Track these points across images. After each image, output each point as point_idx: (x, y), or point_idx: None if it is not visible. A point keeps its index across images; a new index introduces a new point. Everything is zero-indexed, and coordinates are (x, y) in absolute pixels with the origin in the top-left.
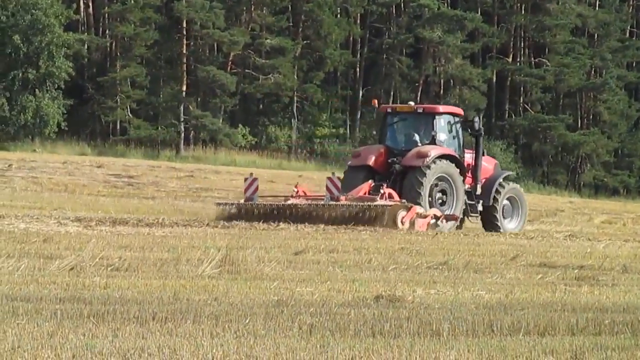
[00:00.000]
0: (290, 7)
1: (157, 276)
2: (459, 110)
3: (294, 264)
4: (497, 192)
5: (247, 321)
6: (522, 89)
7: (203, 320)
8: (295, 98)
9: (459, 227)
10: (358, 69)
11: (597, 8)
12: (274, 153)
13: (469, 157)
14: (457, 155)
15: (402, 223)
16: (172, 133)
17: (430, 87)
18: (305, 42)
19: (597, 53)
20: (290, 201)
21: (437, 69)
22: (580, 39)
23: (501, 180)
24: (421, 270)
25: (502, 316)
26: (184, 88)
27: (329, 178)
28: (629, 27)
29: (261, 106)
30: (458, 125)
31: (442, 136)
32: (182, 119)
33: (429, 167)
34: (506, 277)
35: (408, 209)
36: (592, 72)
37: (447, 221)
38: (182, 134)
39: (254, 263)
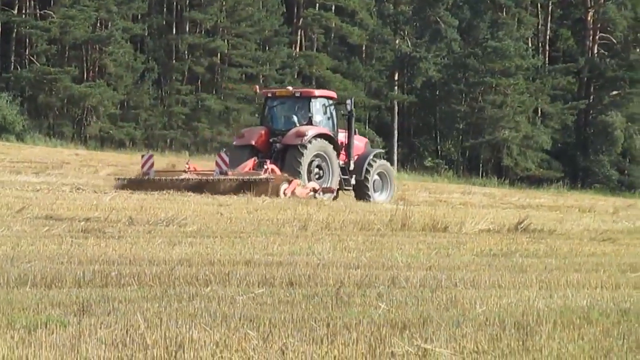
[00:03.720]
0: None
1: None
2: (333, 94)
3: None
4: (368, 168)
5: None
6: (27, 40)
7: None
8: None
9: (335, 197)
10: None
11: None
12: None
13: (342, 136)
14: (331, 135)
15: (285, 194)
16: None
17: None
18: None
19: (103, 5)
20: (184, 176)
21: None
22: None
23: (372, 157)
24: None
25: (9, 268)
26: None
27: (218, 154)
28: None
29: None
30: (332, 107)
31: (318, 117)
32: None
33: (307, 145)
34: (13, 230)
35: (289, 182)
36: (98, 25)
37: (324, 193)
38: None
39: None
